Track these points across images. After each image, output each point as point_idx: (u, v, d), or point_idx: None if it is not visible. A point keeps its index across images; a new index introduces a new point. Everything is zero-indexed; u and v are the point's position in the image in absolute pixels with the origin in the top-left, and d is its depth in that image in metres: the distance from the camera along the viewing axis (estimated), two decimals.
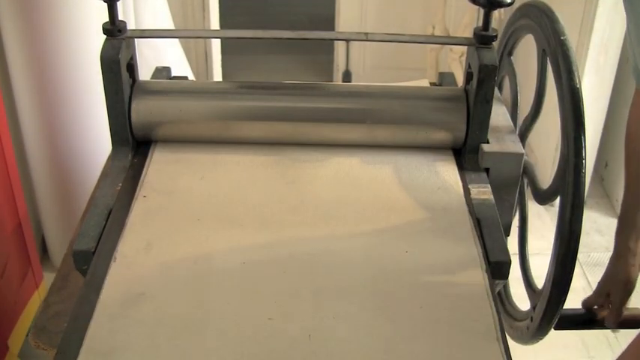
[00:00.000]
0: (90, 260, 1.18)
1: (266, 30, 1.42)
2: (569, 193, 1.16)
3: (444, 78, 1.70)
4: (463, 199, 1.32)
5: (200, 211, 1.27)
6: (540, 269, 1.31)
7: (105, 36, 1.38)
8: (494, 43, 1.37)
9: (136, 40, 1.45)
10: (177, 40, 2.24)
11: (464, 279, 1.14)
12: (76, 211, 1.69)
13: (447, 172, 1.39)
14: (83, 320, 1.04)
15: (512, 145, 1.40)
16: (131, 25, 1.43)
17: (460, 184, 1.36)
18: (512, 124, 1.47)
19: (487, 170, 1.40)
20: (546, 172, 3.05)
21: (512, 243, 1.41)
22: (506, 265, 1.20)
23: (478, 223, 1.27)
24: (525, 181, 1.48)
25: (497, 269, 1.20)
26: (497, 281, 1.20)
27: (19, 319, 1.79)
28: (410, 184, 1.35)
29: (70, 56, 1.52)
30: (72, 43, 1.47)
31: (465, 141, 1.41)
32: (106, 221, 1.26)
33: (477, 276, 1.15)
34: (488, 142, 1.40)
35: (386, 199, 1.31)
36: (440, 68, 3.29)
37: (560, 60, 1.23)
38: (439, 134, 1.42)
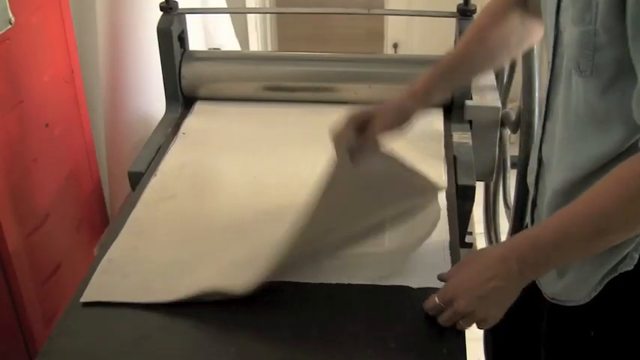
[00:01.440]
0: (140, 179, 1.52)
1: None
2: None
3: None
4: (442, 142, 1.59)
5: (227, 143, 1.60)
6: None
7: (161, 12, 1.73)
8: (474, 15, 1.65)
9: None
10: (228, 17, 2.51)
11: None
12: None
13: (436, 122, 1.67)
14: (127, 211, 1.38)
15: (492, 100, 1.67)
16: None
17: (442, 131, 1.63)
18: (495, 84, 1.74)
19: (470, 122, 1.67)
20: None
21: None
22: (472, 188, 1.47)
23: (454, 160, 1.54)
24: (508, 132, 1.76)
25: (464, 192, 1.46)
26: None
27: None
28: None
29: (133, 29, 1.87)
30: (134, 18, 1.82)
31: (452, 98, 1.69)
32: (156, 153, 1.59)
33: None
34: (471, 99, 1.67)
35: None
36: None
37: None
38: None
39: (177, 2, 1.74)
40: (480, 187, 1.61)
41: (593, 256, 1.02)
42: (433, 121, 1.67)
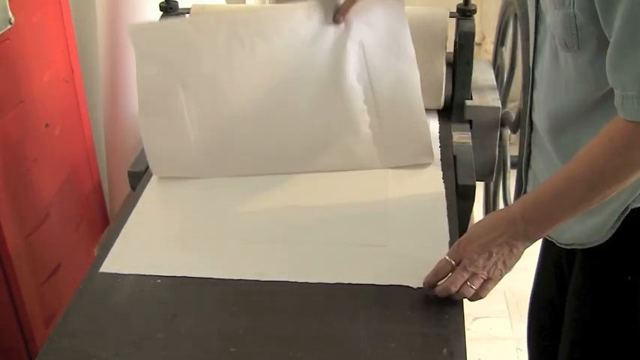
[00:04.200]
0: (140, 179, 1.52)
1: None
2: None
3: None
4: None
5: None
6: None
7: (161, 12, 1.73)
8: (474, 15, 1.65)
9: None
10: None
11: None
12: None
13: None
14: (128, 211, 1.39)
15: (492, 100, 1.67)
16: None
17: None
18: (495, 84, 1.74)
19: (470, 122, 1.67)
20: None
21: None
22: (472, 187, 1.47)
23: (454, 159, 1.54)
24: (508, 132, 1.76)
25: (464, 192, 1.47)
26: None
27: None
28: None
29: None
30: (134, 18, 1.82)
31: (451, 98, 1.69)
32: None
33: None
34: (471, 99, 1.68)
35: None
36: None
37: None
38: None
39: (177, 2, 1.74)
40: (480, 187, 1.61)
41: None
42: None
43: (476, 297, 1.14)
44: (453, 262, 1.13)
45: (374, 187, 1.45)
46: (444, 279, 1.14)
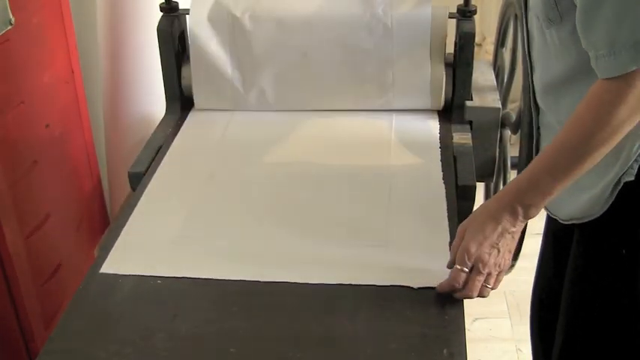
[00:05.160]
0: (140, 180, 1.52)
1: None
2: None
3: None
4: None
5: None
6: None
7: (161, 13, 1.73)
8: (474, 16, 1.66)
9: None
10: None
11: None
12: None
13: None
14: (127, 212, 1.39)
15: (492, 101, 1.68)
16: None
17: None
18: (495, 84, 1.75)
19: (471, 123, 1.67)
20: None
21: None
22: (472, 188, 1.47)
23: (454, 160, 1.55)
24: (508, 133, 1.76)
25: (464, 192, 1.47)
26: None
27: None
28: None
29: (133, 30, 1.87)
30: (134, 18, 1.83)
31: (452, 99, 1.69)
32: (156, 154, 1.60)
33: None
34: (472, 100, 1.68)
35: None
36: None
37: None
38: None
39: (177, 3, 1.74)
40: (480, 188, 1.61)
41: (602, 169, 1.11)
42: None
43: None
44: (467, 270, 1.13)
45: (374, 187, 1.45)
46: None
